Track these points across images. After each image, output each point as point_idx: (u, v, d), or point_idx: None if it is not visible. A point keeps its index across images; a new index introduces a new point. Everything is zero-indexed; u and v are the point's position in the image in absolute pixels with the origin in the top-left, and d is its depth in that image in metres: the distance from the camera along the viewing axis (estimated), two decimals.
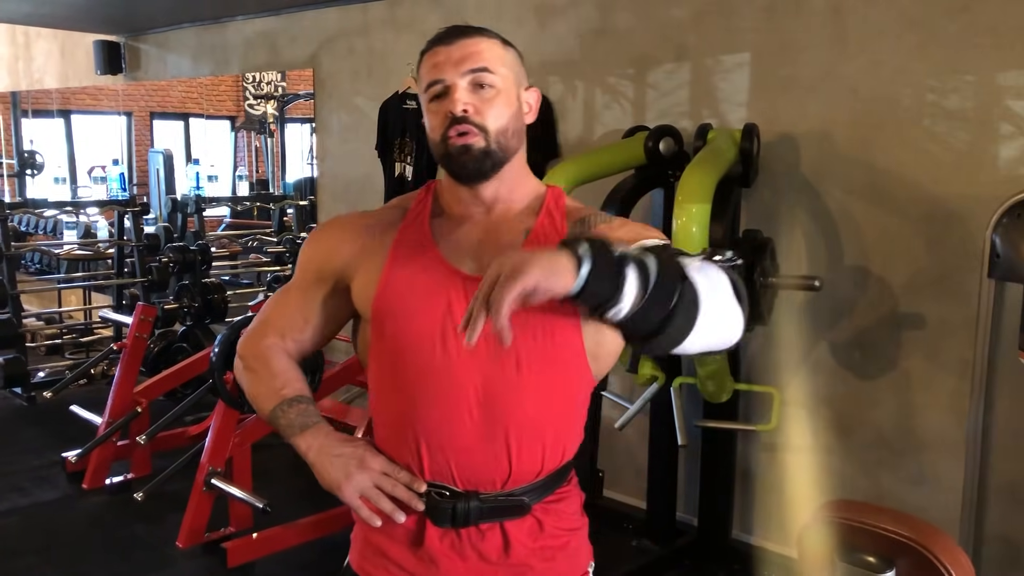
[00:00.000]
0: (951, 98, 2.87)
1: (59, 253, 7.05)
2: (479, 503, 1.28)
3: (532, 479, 1.30)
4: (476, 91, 1.27)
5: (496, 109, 1.27)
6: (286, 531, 3.33)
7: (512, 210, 1.34)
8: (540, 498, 1.32)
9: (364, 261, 1.34)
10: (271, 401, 1.37)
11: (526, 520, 1.32)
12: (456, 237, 1.32)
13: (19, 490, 4.05)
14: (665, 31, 3.52)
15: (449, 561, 1.30)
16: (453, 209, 1.35)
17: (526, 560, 1.32)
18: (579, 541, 1.40)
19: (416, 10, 4.35)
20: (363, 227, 1.37)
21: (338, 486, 1.30)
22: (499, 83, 1.28)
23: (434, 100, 1.28)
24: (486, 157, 1.27)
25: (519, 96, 1.33)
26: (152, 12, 5.54)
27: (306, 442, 1.33)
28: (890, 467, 3.09)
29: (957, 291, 2.84)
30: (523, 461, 1.29)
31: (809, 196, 3.16)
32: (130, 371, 4.25)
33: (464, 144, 1.26)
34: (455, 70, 1.26)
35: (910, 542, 1.23)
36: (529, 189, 1.37)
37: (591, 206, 1.40)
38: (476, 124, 1.26)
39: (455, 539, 1.30)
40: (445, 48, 1.27)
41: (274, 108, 8.69)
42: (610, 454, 3.65)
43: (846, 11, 3.03)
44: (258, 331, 1.43)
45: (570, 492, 1.38)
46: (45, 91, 7.82)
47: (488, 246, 1.30)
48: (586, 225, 1.31)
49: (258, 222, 7.68)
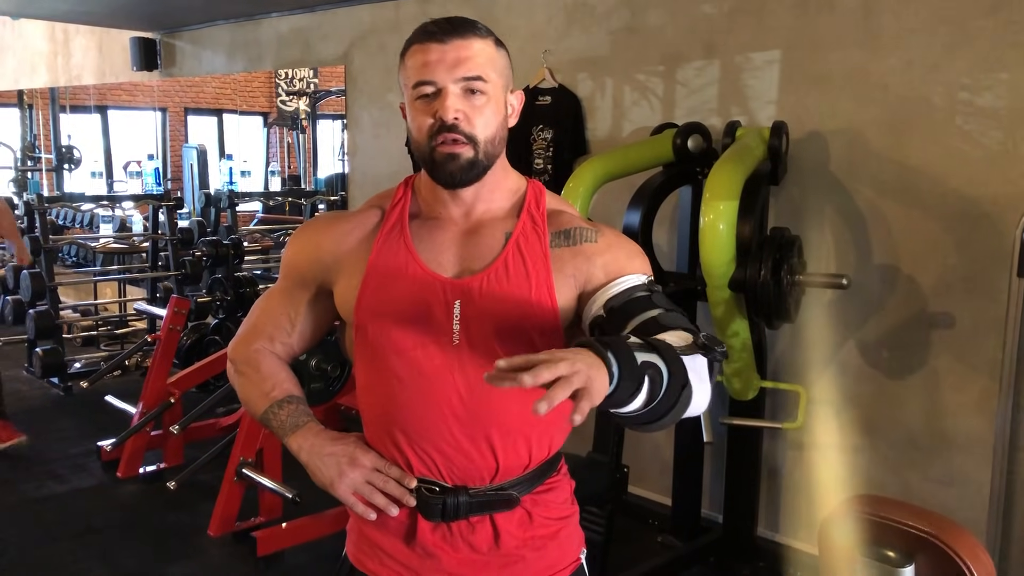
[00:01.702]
0: (984, 96, 2.85)
1: (95, 246, 7.18)
2: (468, 498, 1.31)
3: (520, 472, 1.33)
4: (467, 97, 1.24)
5: (485, 117, 1.25)
6: (315, 521, 3.38)
7: (491, 211, 1.34)
8: (529, 489, 1.35)
9: (345, 266, 1.35)
10: (262, 403, 1.40)
11: (516, 512, 1.34)
12: (435, 240, 1.32)
13: (56, 477, 4.15)
14: (695, 28, 3.52)
15: (441, 553, 1.33)
16: (432, 209, 1.35)
17: (516, 550, 1.34)
18: (570, 529, 1.42)
19: (448, 7, 4.37)
20: (343, 231, 1.37)
21: (331, 484, 1.32)
22: (490, 90, 1.25)
23: (422, 99, 1.25)
24: (472, 167, 1.26)
25: (506, 100, 1.30)
26: (188, 9, 5.62)
27: (297, 442, 1.35)
28: (918, 467, 3.07)
29: (988, 291, 2.82)
30: (510, 457, 1.31)
31: (838, 194, 3.15)
32: (164, 362, 4.33)
33: (452, 153, 1.24)
34: (448, 74, 1.23)
35: (930, 537, 1.24)
36: (509, 187, 1.36)
37: (575, 212, 1.39)
38: (465, 134, 1.24)
39: (446, 532, 1.33)
40: (439, 46, 1.24)
41: (306, 104, 8.77)
42: (635, 451, 3.66)
43: (878, 9, 3.02)
44: (246, 336, 1.45)
45: (559, 481, 1.40)
46: (82, 87, 7.96)
47: (468, 249, 1.31)
48: (571, 239, 1.31)
49: (290, 217, 7.76)
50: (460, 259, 1.31)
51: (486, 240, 1.31)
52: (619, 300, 1.25)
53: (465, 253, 1.31)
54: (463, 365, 1.27)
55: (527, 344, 1.26)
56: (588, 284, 1.29)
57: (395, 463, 1.33)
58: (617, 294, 1.26)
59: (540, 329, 1.28)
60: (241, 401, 1.48)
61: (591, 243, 1.31)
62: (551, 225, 1.33)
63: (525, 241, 1.31)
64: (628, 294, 1.25)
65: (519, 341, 1.27)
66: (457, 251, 1.32)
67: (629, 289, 1.26)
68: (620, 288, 1.26)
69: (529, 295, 1.28)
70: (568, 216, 1.36)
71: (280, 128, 9.40)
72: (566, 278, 1.29)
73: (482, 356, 1.26)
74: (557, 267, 1.29)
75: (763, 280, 2.74)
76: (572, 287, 1.30)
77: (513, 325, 1.27)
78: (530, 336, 1.27)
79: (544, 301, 1.28)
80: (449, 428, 1.29)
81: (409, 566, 1.35)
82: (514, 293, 1.28)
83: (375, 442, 1.36)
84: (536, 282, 1.28)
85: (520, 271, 1.29)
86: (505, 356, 1.22)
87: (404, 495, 1.31)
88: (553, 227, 1.33)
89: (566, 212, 1.37)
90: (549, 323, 1.28)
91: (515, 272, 1.29)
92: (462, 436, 1.29)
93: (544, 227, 1.32)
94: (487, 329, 1.27)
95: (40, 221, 5.50)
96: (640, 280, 1.28)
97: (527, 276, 1.28)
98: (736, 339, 2.94)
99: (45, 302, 5.46)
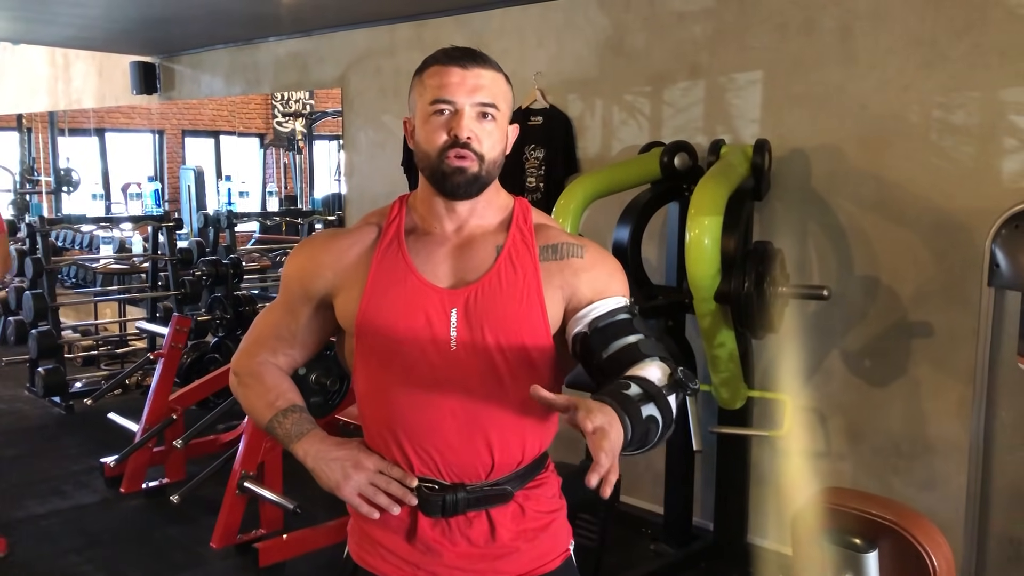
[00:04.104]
0: (957, 114, 2.96)
1: (95, 267, 7.25)
2: (466, 494, 1.40)
3: (514, 469, 1.43)
4: (480, 120, 1.36)
5: (492, 140, 1.37)
6: (315, 532, 3.45)
7: (483, 226, 1.44)
8: (522, 485, 1.44)
9: (346, 279, 1.44)
10: (267, 413, 1.48)
11: (509, 506, 1.43)
12: (431, 253, 1.42)
13: (60, 493, 4.22)
14: (681, 50, 3.64)
15: (441, 547, 1.42)
16: (427, 223, 1.45)
17: (511, 543, 1.43)
18: (559, 522, 1.51)
19: (441, 31, 4.50)
20: (343, 247, 1.46)
21: (337, 486, 1.41)
22: (499, 118, 1.38)
23: (437, 115, 1.36)
24: (475, 181, 1.37)
25: (507, 130, 1.42)
26: (187, 34, 5.73)
27: (303, 449, 1.44)
28: (900, 472, 3.17)
29: (964, 300, 2.92)
30: (505, 455, 1.41)
31: (819, 209, 3.26)
32: (166, 379, 4.40)
33: (460, 167, 1.35)
34: (467, 97, 1.35)
35: (892, 525, 1.33)
36: (500, 204, 1.46)
37: (557, 226, 1.50)
38: (475, 151, 1.35)
39: (445, 527, 1.42)
40: (460, 71, 1.35)
41: (302, 126, 8.88)
42: (628, 460, 3.70)
43: (856, 31, 3.14)
44: (249, 349, 1.54)
45: (548, 477, 1.50)
46: (81, 110, 8.06)
47: (462, 262, 1.41)
48: (558, 253, 1.42)
49: (287, 237, 7.85)
50: (455, 271, 1.41)
51: (479, 253, 1.41)
52: (603, 321, 1.37)
53: (459, 265, 1.41)
54: (460, 369, 1.37)
55: (520, 349, 1.37)
56: (574, 297, 1.40)
57: (396, 464, 1.41)
58: (601, 315, 1.37)
59: (532, 335, 1.38)
60: (246, 411, 1.56)
61: (578, 258, 1.42)
62: (539, 239, 1.43)
63: (516, 254, 1.41)
64: (611, 316, 1.37)
65: (513, 347, 1.37)
66: (452, 263, 1.41)
67: (613, 311, 1.38)
68: (604, 309, 1.38)
69: (521, 304, 1.38)
70: (555, 231, 1.47)
71: (277, 149, 9.51)
72: (554, 289, 1.40)
73: (478, 360, 1.36)
74: (546, 278, 1.40)
75: (747, 292, 2.84)
76: (560, 298, 1.40)
77: (507, 332, 1.37)
78: (523, 342, 1.37)
79: (535, 309, 1.38)
80: (448, 429, 1.38)
81: (411, 561, 1.44)
82: (507, 302, 1.38)
83: (377, 445, 1.45)
84: (527, 292, 1.39)
85: (512, 281, 1.39)
86: (501, 361, 1.37)
87: (406, 494, 1.40)
88: (541, 241, 1.43)
89: (552, 227, 1.48)
90: (540, 330, 1.38)
91: (508, 282, 1.39)
92: (460, 436, 1.38)
93: (532, 240, 1.43)
94: (483, 336, 1.37)
95: (42, 243, 5.58)
96: (622, 303, 1.40)
97: (519, 286, 1.39)
98: (723, 349, 3.04)
99: (47, 322, 5.53)
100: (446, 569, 1.42)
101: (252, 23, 5.19)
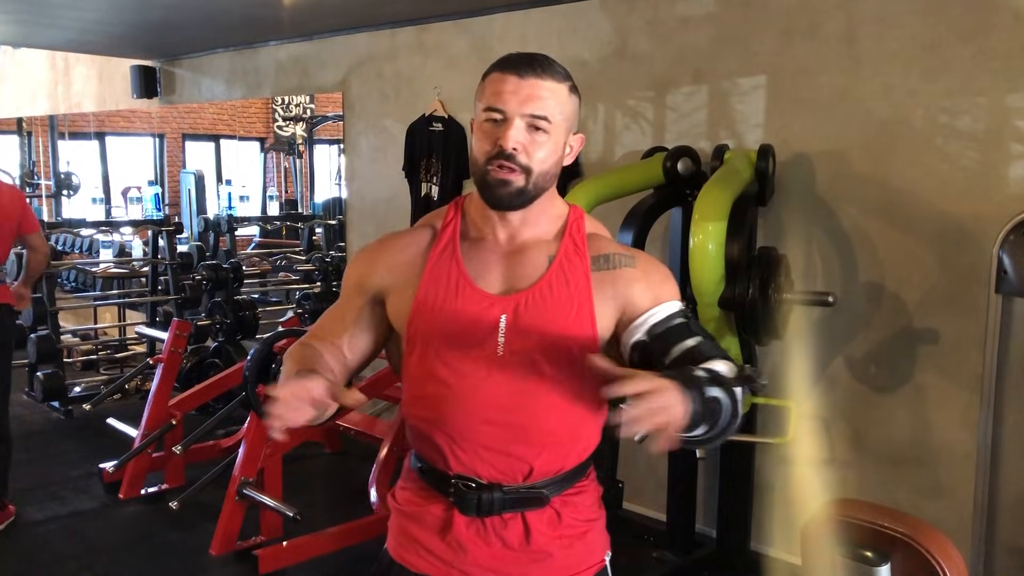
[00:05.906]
0: (962, 119, 2.95)
1: (95, 271, 7.23)
2: (502, 494, 1.40)
3: (553, 475, 1.42)
4: (530, 131, 1.34)
5: (543, 153, 1.35)
6: (315, 539, 3.43)
7: (536, 235, 1.44)
8: (560, 491, 1.43)
9: (399, 279, 1.45)
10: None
11: (546, 511, 1.42)
12: (483, 259, 1.43)
13: (58, 499, 4.19)
14: (684, 55, 3.62)
15: (475, 547, 1.42)
16: (481, 229, 1.45)
17: (545, 547, 1.42)
18: (596, 532, 1.50)
19: (443, 36, 4.48)
20: (398, 247, 1.48)
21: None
22: (552, 130, 1.35)
23: (489, 122, 1.36)
24: (520, 194, 1.36)
25: (566, 141, 1.40)
26: (188, 38, 5.72)
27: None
28: (906, 480, 3.14)
29: (970, 307, 2.90)
30: (545, 462, 1.41)
31: (824, 214, 3.24)
32: (166, 384, 4.38)
33: (503, 179, 1.34)
34: (518, 107, 1.33)
35: (905, 538, 1.31)
36: (554, 213, 1.46)
37: (609, 236, 1.50)
38: (521, 164, 1.34)
39: (480, 527, 1.41)
40: (516, 79, 1.35)
41: (303, 130, 8.88)
42: (630, 466, 3.72)
43: (861, 36, 3.12)
44: (304, 338, 1.53)
45: (588, 486, 1.49)
46: (81, 114, 8.05)
47: (513, 269, 1.41)
48: (610, 263, 1.41)
49: (287, 241, 7.84)
50: (506, 278, 1.41)
51: (531, 261, 1.42)
52: (661, 327, 1.37)
53: (510, 272, 1.41)
54: (506, 374, 1.37)
55: (568, 358, 1.36)
56: (628, 307, 1.40)
57: (435, 461, 1.42)
58: (659, 321, 1.37)
59: (580, 345, 1.37)
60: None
61: (630, 268, 1.42)
62: (590, 249, 1.43)
63: (568, 263, 1.41)
64: (668, 321, 1.37)
65: (560, 355, 1.36)
66: (503, 270, 1.42)
67: (669, 316, 1.38)
68: (661, 316, 1.38)
69: (571, 313, 1.38)
70: (605, 241, 1.47)
71: (277, 153, 9.52)
72: (606, 300, 1.40)
73: (524, 367, 1.36)
74: (597, 288, 1.40)
75: (751, 298, 2.82)
76: (612, 308, 1.40)
77: (555, 340, 1.36)
78: (571, 351, 1.37)
79: (585, 319, 1.38)
80: (489, 433, 1.38)
81: (444, 559, 1.44)
82: (557, 311, 1.38)
83: (419, 442, 1.46)
84: (578, 301, 1.39)
85: (563, 291, 1.39)
86: (547, 368, 1.36)
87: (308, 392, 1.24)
88: (592, 251, 1.43)
89: (604, 237, 1.48)
90: (588, 340, 1.38)
91: (558, 291, 1.39)
92: (500, 440, 1.38)
93: (584, 250, 1.43)
94: (530, 343, 1.37)
95: None
96: (677, 307, 1.40)
97: (569, 295, 1.39)
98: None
99: (46, 327, 5.51)
100: (479, 569, 1.42)
101: (253, 27, 5.17)
